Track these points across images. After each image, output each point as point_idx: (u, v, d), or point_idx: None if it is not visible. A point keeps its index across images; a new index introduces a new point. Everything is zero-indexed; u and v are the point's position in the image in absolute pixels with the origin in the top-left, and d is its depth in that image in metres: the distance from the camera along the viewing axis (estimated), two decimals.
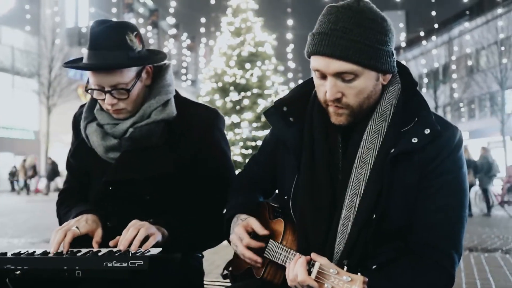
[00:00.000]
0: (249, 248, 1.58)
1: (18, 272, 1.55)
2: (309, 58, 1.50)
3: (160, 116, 1.88)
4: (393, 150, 1.45)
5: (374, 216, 1.45)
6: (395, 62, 1.51)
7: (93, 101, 1.99)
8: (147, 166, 1.86)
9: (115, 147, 1.89)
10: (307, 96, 1.67)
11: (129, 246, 1.61)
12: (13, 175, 28.76)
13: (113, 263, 1.46)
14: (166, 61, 2.00)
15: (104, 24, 1.82)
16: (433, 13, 32.85)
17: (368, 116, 1.52)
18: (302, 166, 1.60)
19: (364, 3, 1.46)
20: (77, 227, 1.74)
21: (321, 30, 1.44)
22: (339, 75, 1.43)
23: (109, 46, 1.78)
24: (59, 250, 1.67)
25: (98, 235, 1.77)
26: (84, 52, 1.84)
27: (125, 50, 1.80)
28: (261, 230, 1.58)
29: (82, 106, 2.07)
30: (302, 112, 1.65)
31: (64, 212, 1.97)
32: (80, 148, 1.99)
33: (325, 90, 1.47)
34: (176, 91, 2.01)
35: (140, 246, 1.62)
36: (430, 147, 1.46)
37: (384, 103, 1.52)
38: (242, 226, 1.61)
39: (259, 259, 1.57)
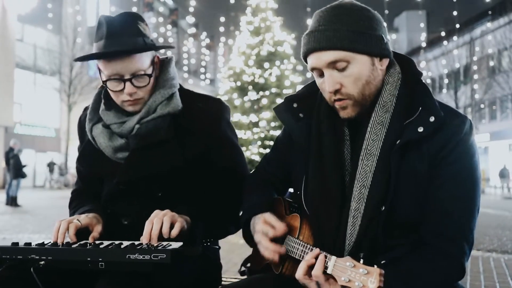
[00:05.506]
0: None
1: (42, 262, 1.57)
2: (306, 62, 1.56)
3: (166, 110, 1.88)
4: (398, 140, 1.46)
5: (384, 207, 1.46)
6: (388, 46, 1.54)
7: (97, 102, 1.99)
8: (156, 163, 1.86)
9: (123, 147, 1.89)
10: (316, 92, 1.68)
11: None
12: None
13: (135, 255, 1.48)
14: (168, 55, 2.01)
15: (114, 16, 1.84)
16: (455, 13, 32.47)
17: (372, 108, 1.54)
18: (310, 160, 1.62)
19: (345, 2, 1.54)
20: (78, 220, 1.78)
21: (308, 31, 1.53)
22: (331, 65, 1.49)
23: (126, 33, 1.79)
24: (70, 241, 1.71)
25: (96, 230, 1.80)
26: (97, 44, 1.81)
27: (141, 36, 1.82)
28: (277, 223, 1.59)
29: (86, 109, 2.06)
30: (311, 108, 1.68)
31: (72, 213, 2.01)
32: (87, 152, 1.99)
33: (325, 87, 1.52)
34: (179, 84, 2.01)
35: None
36: (438, 136, 1.46)
37: (386, 94, 1.54)
38: (263, 222, 1.63)
39: (282, 249, 1.58)
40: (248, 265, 1.90)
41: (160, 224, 1.64)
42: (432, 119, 1.46)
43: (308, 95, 1.72)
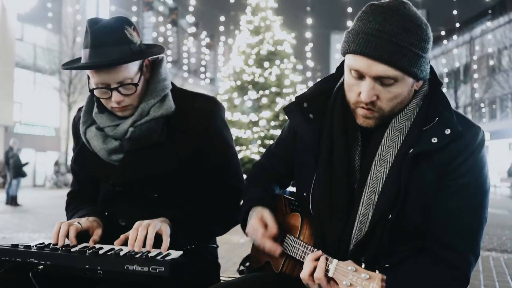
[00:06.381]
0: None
1: (41, 267, 1.57)
2: (345, 55, 1.48)
3: (159, 113, 1.87)
4: (411, 150, 1.44)
5: (391, 214, 1.45)
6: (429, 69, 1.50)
7: (90, 105, 1.98)
8: (151, 165, 1.86)
9: (117, 149, 1.88)
10: (328, 93, 1.65)
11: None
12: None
13: (134, 266, 1.48)
14: (160, 55, 1.97)
15: (100, 22, 1.79)
16: (455, 12, 32.46)
17: (392, 116, 1.50)
18: (320, 164, 1.59)
19: (409, 5, 1.44)
20: (78, 223, 1.78)
21: (367, 30, 1.40)
22: (379, 78, 1.41)
23: (111, 42, 1.75)
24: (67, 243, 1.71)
25: (97, 233, 1.80)
26: (83, 51, 1.79)
27: (127, 44, 1.78)
28: (272, 224, 1.59)
29: (80, 110, 2.04)
30: (322, 109, 1.64)
31: (70, 216, 2.01)
32: (82, 154, 1.98)
33: (358, 90, 1.45)
34: (172, 83, 1.99)
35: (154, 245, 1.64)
36: (450, 147, 1.44)
37: (410, 104, 1.50)
38: (257, 218, 1.63)
39: (279, 248, 1.58)
40: (247, 264, 1.90)
41: (145, 232, 1.65)
42: (448, 131, 1.43)
43: (318, 95, 1.68)
